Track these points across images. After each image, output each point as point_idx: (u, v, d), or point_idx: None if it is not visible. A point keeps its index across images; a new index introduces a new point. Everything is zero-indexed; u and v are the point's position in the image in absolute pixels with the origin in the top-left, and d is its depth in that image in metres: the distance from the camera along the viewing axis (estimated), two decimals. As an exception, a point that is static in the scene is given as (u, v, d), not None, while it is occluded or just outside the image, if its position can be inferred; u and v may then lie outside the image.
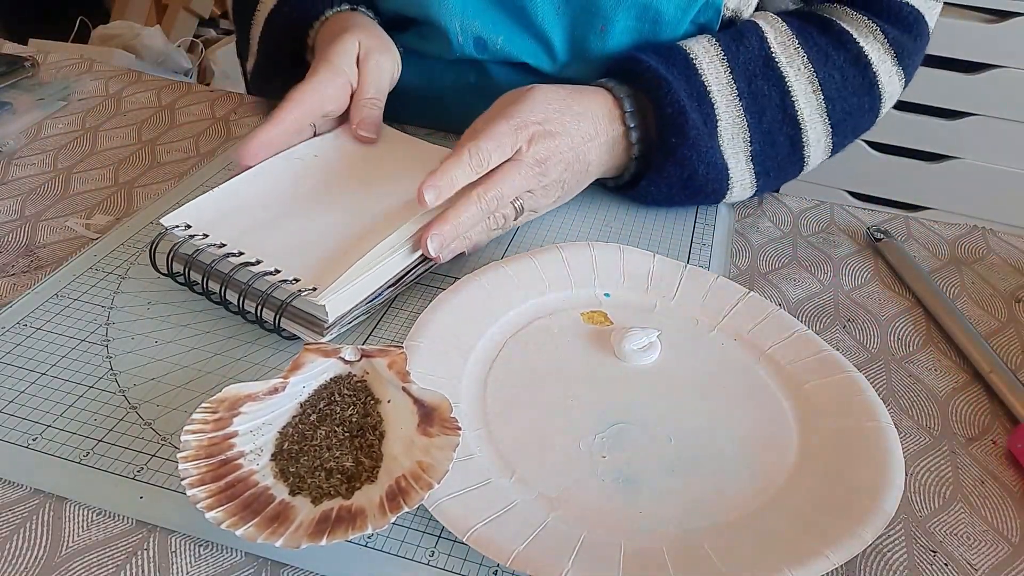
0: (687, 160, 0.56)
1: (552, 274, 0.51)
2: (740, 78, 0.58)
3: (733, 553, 0.35)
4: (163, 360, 0.45)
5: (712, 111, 0.57)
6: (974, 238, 0.61)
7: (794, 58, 0.59)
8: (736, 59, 0.58)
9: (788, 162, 0.61)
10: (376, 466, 0.37)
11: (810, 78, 0.59)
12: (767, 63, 0.58)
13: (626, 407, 0.43)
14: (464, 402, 0.42)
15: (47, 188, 0.61)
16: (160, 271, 0.50)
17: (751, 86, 0.58)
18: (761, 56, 0.59)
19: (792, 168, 0.61)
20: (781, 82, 0.58)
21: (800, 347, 0.46)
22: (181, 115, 0.73)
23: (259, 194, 0.53)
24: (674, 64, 0.57)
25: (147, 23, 2.09)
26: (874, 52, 0.60)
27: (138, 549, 0.36)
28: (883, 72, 0.61)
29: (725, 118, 0.57)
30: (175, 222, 0.50)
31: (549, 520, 0.36)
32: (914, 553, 0.37)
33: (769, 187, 0.62)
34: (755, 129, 0.58)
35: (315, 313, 0.46)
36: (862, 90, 0.61)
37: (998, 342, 0.51)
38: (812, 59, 0.59)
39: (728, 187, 0.59)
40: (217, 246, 0.48)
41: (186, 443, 0.36)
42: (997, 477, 0.41)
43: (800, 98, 0.59)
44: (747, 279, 0.55)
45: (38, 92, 0.75)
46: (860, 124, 0.63)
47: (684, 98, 0.55)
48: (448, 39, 0.64)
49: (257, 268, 0.47)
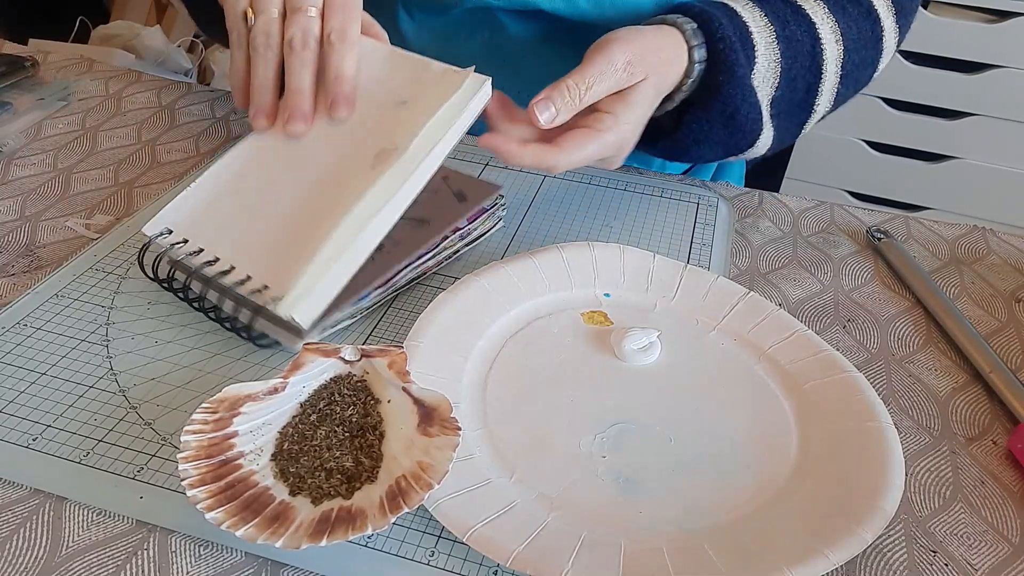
0: (731, 97, 0.55)
1: (552, 274, 0.51)
2: (776, 21, 0.58)
3: (733, 553, 0.35)
4: (163, 360, 0.45)
5: (753, 52, 0.57)
6: (974, 238, 0.61)
7: (816, 9, 0.59)
8: (766, 4, 0.58)
9: (799, 108, 0.61)
10: (376, 466, 0.37)
11: (832, 28, 0.59)
12: (796, 10, 0.58)
13: (626, 407, 0.43)
14: (464, 402, 0.42)
15: (47, 188, 0.61)
16: (150, 277, 0.49)
17: (786, 30, 0.58)
18: (789, 4, 0.59)
19: (800, 114, 0.61)
20: (812, 28, 0.58)
21: (800, 347, 0.46)
22: (181, 115, 0.73)
23: (233, 181, 0.49)
24: (716, 6, 0.57)
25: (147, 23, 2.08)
26: (881, 7, 0.61)
27: (138, 549, 0.36)
28: (888, 27, 0.61)
29: (762, 60, 0.57)
30: (157, 229, 0.48)
31: (549, 520, 0.36)
32: (914, 553, 0.37)
33: (778, 139, 0.61)
34: (785, 74, 0.58)
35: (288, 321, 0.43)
36: (871, 44, 0.61)
37: (998, 342, 0.51)
38: (832, 10, 0.59)
39: (760, 130, 0.58)
40: (195, 252, 0.46)
41: (186, 443, 0.36)
42: (997, 477, 0.41)
43: (828, 47, 0.59)
44: (747, 279, 0.55)
45: (38, 92, 0.75)
46: (862, 78, 0.63)
47: (735, 39, 0.55)
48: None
49: (231, 277, 0.45)
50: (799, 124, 0.62)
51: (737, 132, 0.58)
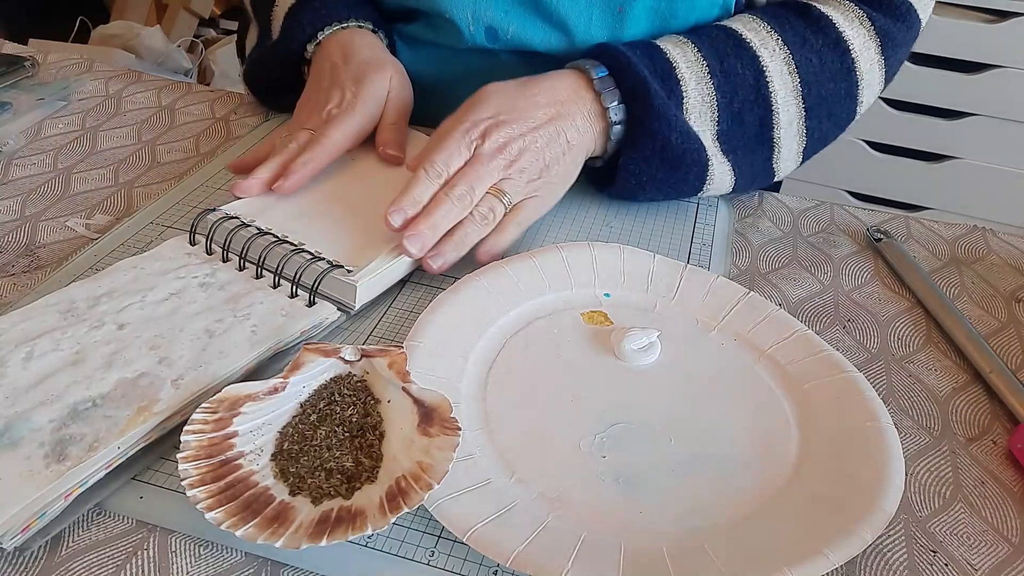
0: (657, 131, 0.55)
1: (552, 274, 0.51)
2: (711, 56, 0.57)
3: (733, 553, 0.35)
4: (163, 360, 0.45)
5: (678, 87, 0.56)
6: (974, 238, 0.61)
7: (767, 41, 0.58)
8: (702, 42, 0.58)
9: (756, 143, 0.59)
10: (376, 466, 0.37)
11: (786, 59, 0.58)
12: (739, 44, 0.58)
13: (626, 407, 0.43)
14: (464, 402, 0.42)
15: (47, 188, 0.61)
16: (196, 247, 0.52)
17: (723, 64, 0.57)
18: (732, 39, 0.58)
19: (761, 150, 0.60)
20: (755, 61, 0.58)
21: (800, 347, 0.46)
22: (181, 115, 0.73)
23: (302, 191, 0.56)
24: (637, 47, 0.57)
25: (147, 23, 2.09)
26: (857, 39, 0.60)
27: (138, 549, 0.36)
28: (864, 59, 0.60)
29: (694, 95, 0.57)
30: (227, 211, 0.53)
31: (549, 520, 0.36)
32: (914, 553, 0.37)
33: (745, 173, 0.60)
34: (724, 108, 0.58)
35: (343, 297, 0.49)
36: (839, 75, 0.60)
37: (998, 342, 0.51)
38: (787, 41, 0.58)
39: (707, 162, 0.57)
40: (262, 232, 0.51)
41: (186, 443, 0.36)
42: (997, 477, 0.41)
43: (775, 79, 0.58)
44: (747, 279, 0.55)
45: (38, 92, 0.75)
46: (837, 110, 0.61)
47: (645, 72, 0.55)
48: (459, 29, 0.64)
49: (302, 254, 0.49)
50: (765, 159, 0.61)
51: (678, 167, 0.57)
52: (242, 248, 0.50)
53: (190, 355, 0.42)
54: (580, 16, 0.62)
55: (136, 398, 0.39)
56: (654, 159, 0.56)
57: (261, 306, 0.47)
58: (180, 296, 0.47)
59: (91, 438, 0.37)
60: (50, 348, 0.42)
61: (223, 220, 0.52)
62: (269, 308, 0.47)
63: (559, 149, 0.55)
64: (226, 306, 0.46)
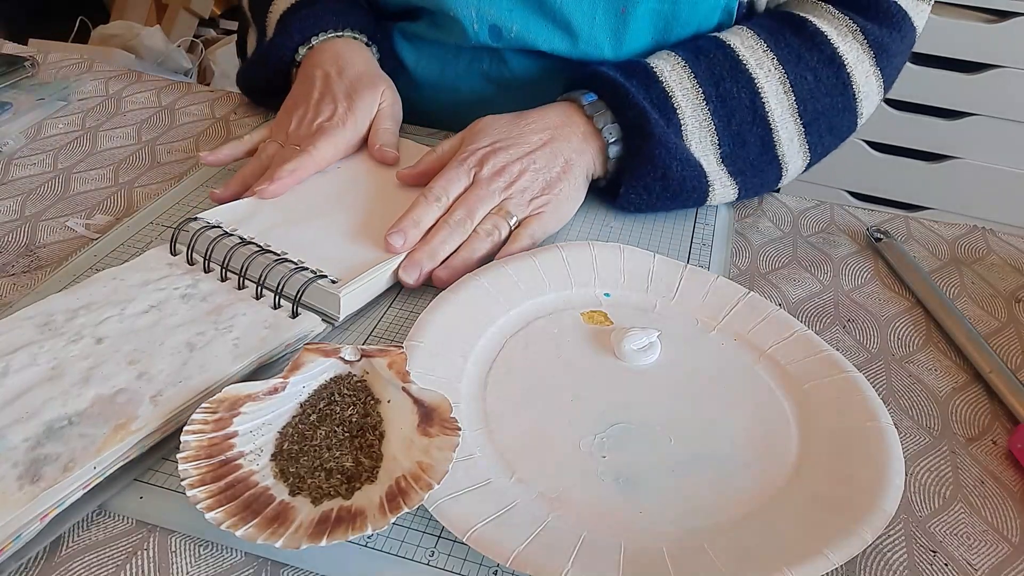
0: (657, 158, 0.56)
1: (552, 274, 0.51)
2: (706, 82, 0.58)
3: (733, 553, 0.35)
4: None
5: (675, 115, 0.57)
6: (974, 238, 0.61)
7: (763, 60, 0.59)
8: (699, 65, 0.59)
9: (762, 162, 0.60)
10: (376, 466, 0.37)
11: (781, 79, 0.59)
12: (735, 66, 0.59)
13: (626, 407, 0.43)
14: (464, 402, 0.42)
15: (47, 188, 0.61)
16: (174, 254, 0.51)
17: (719, 89, 0.58)
18: (728, 60, 0.59)
19: (769, 168, 0.61)
20: (751, 83, 0.58)
21: (800, 347, 0.46)
22: (181, 115, 0.73)
23: (286, 199, 0.56)
24: (633, 74, 0.58)
25: (147, 23, 2.08)
26: (851, 52, 0.60)
27: (138, 549, 0.36)
28: (859, 73, 0.61)
29: (691, 122, 0.58)
30: (209, 219, 0.52)
31: (549, 520, 0.36)
32: (914, 553, 0.37)
33: (753, 189, 0.61)
34: (723, 131, 0.58)
35: (327, 308, 0.48)
36: (836, 90, 0.60)
37: (998, 342, 0.51)
38: (782, 60, 0.59)
39: (708, 187, 0.58)
40: (244, 241, 0.50)
41: (186, 443, 0.36)
42: (997, 477, 0.41)
43: (771, 99, 0.59)
44: (747, 279, 0.55)
45: (38, 92, 0.75)
46: (836, 124, 0.62)
47: (643, 102, 0.56)
48: (463, 27, 0.64)
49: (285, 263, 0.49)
50: (775, 176, 0.62)
51: (679, 193, 0.58)
52: (224, 258, 0.49)
53: (170, 370, 0.41)
54: (584, 16, 0.63)
55: (113, 415, 0.38)
56: (655, 186, 0.57)
57: (244, 318, 0.45)
58: (161, 308, 0.45)
59: (66, 458, 0.36)
60: (27, 363, 0.40)
61: (205, 229, 0.51)
62: (252, 320, 0.45)
63: (558, 168, 0.56)
64: (208, 318, 0.45)
